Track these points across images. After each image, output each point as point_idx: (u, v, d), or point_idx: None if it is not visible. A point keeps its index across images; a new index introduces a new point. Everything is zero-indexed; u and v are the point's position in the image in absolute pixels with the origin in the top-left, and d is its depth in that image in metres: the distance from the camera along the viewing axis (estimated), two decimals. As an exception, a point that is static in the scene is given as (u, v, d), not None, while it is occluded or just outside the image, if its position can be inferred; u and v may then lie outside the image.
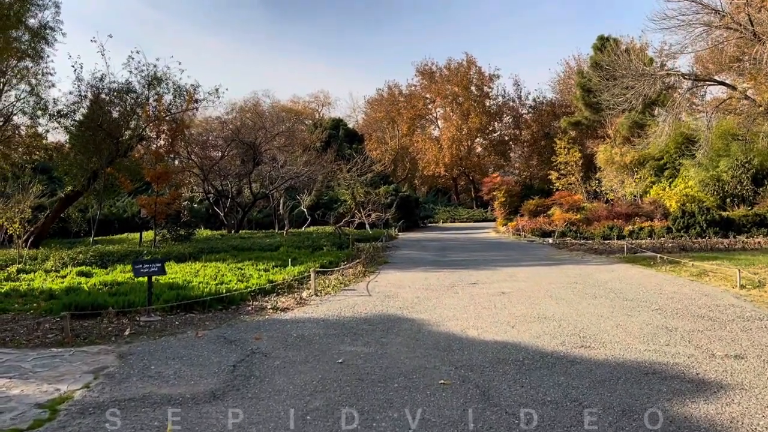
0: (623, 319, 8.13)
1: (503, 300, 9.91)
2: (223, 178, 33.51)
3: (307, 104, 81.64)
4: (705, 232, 23.71)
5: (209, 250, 18.21)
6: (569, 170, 47.65)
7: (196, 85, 22.99)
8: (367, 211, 33.53)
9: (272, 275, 12.57)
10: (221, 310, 9.50)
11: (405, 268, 15.34)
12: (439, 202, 65.06)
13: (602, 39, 50.39)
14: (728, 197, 32.42)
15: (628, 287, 10.71)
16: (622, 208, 33.15)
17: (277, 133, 32.99)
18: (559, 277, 12.34)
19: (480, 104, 68.34)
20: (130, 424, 4.73)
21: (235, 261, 15.44)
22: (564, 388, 5.39)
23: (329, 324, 8.36)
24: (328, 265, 15.01)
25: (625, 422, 4.54)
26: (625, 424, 4.51)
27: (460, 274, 13.52)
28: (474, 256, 18.53)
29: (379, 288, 11.69)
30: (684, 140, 37.86)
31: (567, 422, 4.56)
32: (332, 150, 40.47)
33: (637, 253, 16.29)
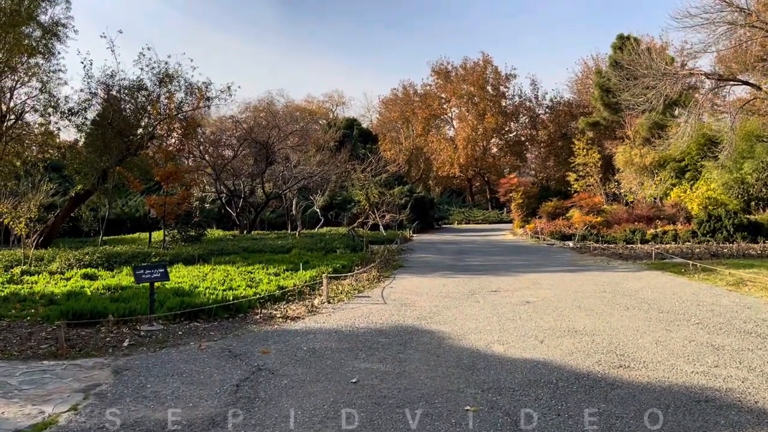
0: (662, 334, 7.45)
1: (528, 310, 9.26)
2: (236, 177, 33.11)
3: (321, 104, 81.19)
4: (732, 237, 22.82)
5: (219, 251, 17.72)
6: (588, 171, 46.71)
7: (208, 83, 22.58)
8: (381, 212, 32.95)
9: (283, 280, 12.02)
10: (228, 319, 8.94)
11: (421, 272, 14.72)
12: (453, 203, 64.32)
13: (622, 38, 49.40)
14: (753, 200, 31.48)
15: (662, 297, 10.00)
16: (643, 210, 32.27)
17: (290, 132, 32.54)
18: (586, 285, 11.65)
19: (496, 104, 67.47)
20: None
21: (245, 264, 14.91)
22: (606, 417, 4.75)
23: (342, 336, 7.77)
24: (341, 269, 14.44)
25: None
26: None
27: (480, 280, 12.88)
28: (493, 260, 17.85)
29: (394, 295, 11.08)
30: (706, 141, 36.92)
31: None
32: (346, 150, 39.93)
33: (666, 259, 15.53)
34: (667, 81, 33.69)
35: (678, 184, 38.92)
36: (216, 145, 33.29)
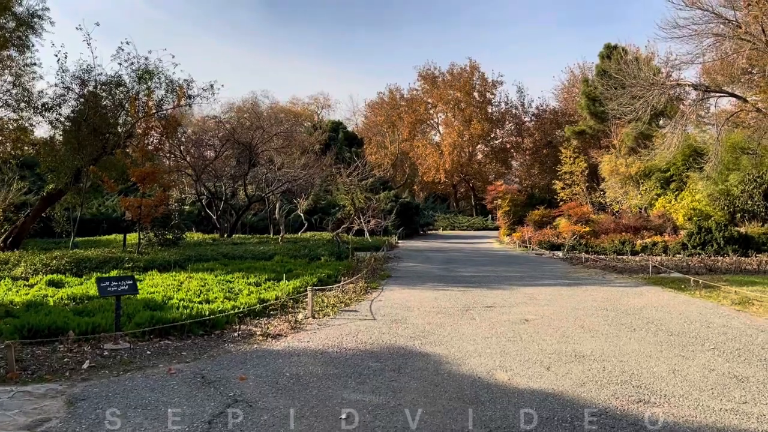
0: (677, 361, 6.84)
1: (528, 330, 8.62)
2: (217, 179, 32.18)
3: (306, 106, 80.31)
4: (723, 250, 22.48)
5: (197, 257, 16.88)
6: (574, 180, 46.48)
7: (190, 81, 21.71)
8: (367, 218, 32.24)
9: (264, 291, 11.24)
10: (203, 336, 8.17)
11: (410, 284, 14.03)
12: (438, 209, 63.80)
13: (609, 47, 49.33)
14: (738, 212, 31.33)
15: (668, 317, 9.42)
16: (630, 221, 31.96)
17: (274, 133, 31.68)
18: (585, 301, 11.05)
19: (482, 111, 67.21)
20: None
21: (224, 272, 14.11)
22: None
23: (329, 359, 7.04)
24: (327, 279, 13.71)
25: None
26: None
27: (473, 293, 12.22)
28: (483, 271, 17.22)
29: (384, 309, 10.38)
30: (691, 152, 36.83)
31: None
32: (331, 153, 39.20)
33: (662, 273, 15.02)
34: (655, 91, 33.53)
35: (663, 194, 38.81)
36: (197, 146, 32.35)
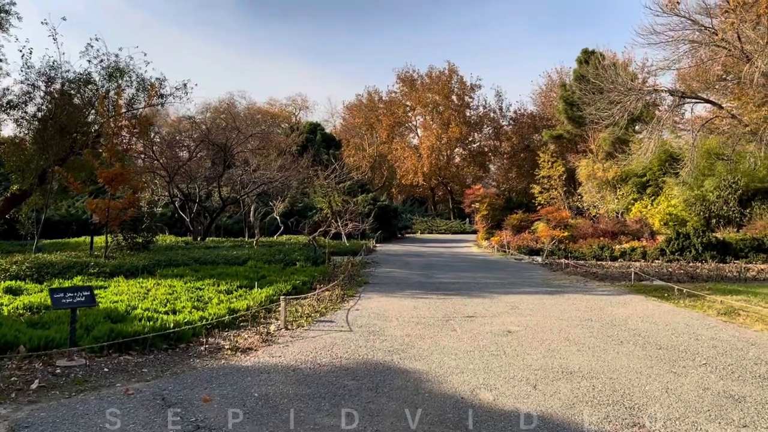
0: (670, 379, 6.50)
1: (512, 343, 8.24)
2: (191, 180, 31.41)
3: (284, 107, 79.64)
4: (701, 256, 22.45)
5: (167, 262, 16.23)
6: (552, 184, 46.55)
7: (163, 79, 21.02)
8: (344, 221, 31.72)
9: (235, 300, 10.71)
10: (166, 351, 7.62)
11: (388, 291, 13.59)
12: (416, 212, 63.53)
13: (587, 52, 49.63)
14: (714, 218, 31.55)
15: (655, 329, 9.12)
16: (608, 225, 31.99)
17: (251, 134, 31.05)
18: (569, 311, 10.72)
19: (460, 114, 67.19)
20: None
21: (194, 278, 13.52)
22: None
23: (302, 377, 6.56)
24: (301, 287, 13.20)
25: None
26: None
27: (453, 302, 11.83)
28: (463, 277, 16.85)
29: (361, 320, 9.92)
30: (667, 158, 37.08)
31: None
32: (309, 155, 38.63)
33: (644, 281, 14.79)
34: (632, 96, 33.66)
35: (639, 199, 39.03)
36: (171, 146, 31.58)
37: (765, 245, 22.88)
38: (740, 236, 23.88)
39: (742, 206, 31.39)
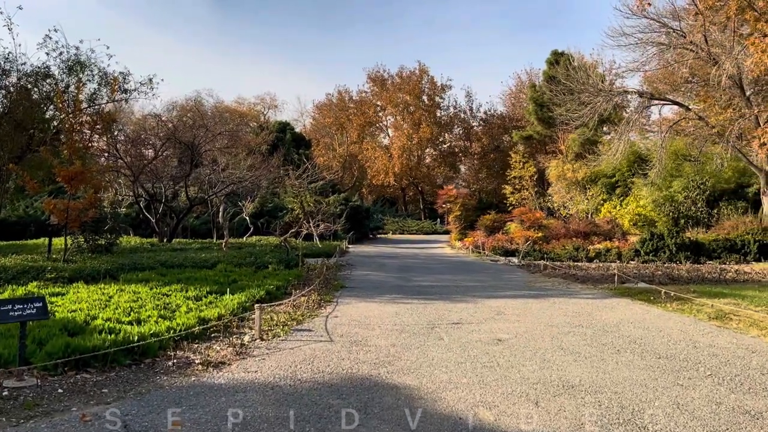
0: (678, 393, 6.08)
1: (504, 352, 7.75)
2: (157, 180, 30.30)
3: (252, 106, 78.39)
4: (675, 256, 22.46)
5: (131, 266, 15.37)
6: (523, 185, 46.59)
7: (126, 74, 20.10)
8: (316, 222, 31.01)
9: (205, 307, 10.00)
10: (130, 367, 6.91)
11: (367, 295, 13.01)
12: (387, 212, 63.06)
13: (556, 54, 49.89)
14: (682, 218, 31.84)
15: (649, 335, 8.74)
16: (580, 226, 32.00)
17: (219, 132, 30.10)
18: (557, 316, 10.30)
19: (431, 114, 67.00)
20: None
21: (161, 283, 12.73)
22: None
23: (282, 396, 5.95)
24: (275, 292, 12.54)
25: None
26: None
27: (436, 307, 11.31)
28: (442, 280, 16.37)
29: (341, 328, 9.33)
30: (636, 159, 37.39)
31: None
32: (279, 154, 37.84)
33: (626, 283, 14.51)
34: (603, 97, 33.81)
35: (609, 199, 39.27)
36: (136, 144, 30.44)
37: (737, 246, 23.02)
38: (713, 237, 23.98)
39: (710, 207, 31.74)
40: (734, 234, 24.29)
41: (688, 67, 31.95)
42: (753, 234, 23.07)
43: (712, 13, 29.96)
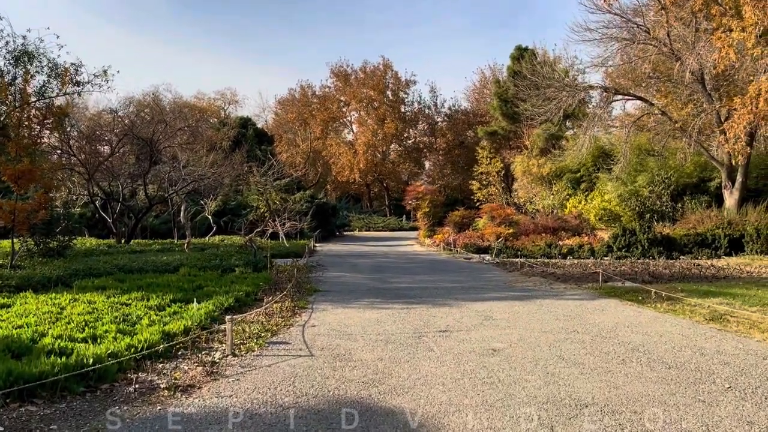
0: (702, 410, 5.53)
1: (502, 365, 7.12)
2: (114, 178, 28.85)
3: (212, 101, 76.38)
4: (648, 252, 22.34)
5: (86, 271, 14.27)
6: (490, 180, 46.41)
7: (78, 65, 18.81)
8: (282, 220, 30.06)
9: (169, 319, 9.09)
10: (84, 395, 6.01)
11: (344, 300, 12.24)
12: (352, 209, 62.26)
13: (520, 49, 49.83)
14: (647, 213, 32.02)
15: (650, 341, 8.24)
16: (548, 222, 31.84)
17: (178, 128, 28.82)
18: (548, 321, 9.74)
19: (396, 110, 66.34)
20: None
21: (119, 291, 11.73)
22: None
23: (263, 427, 5.17)
24: (245, 298, 11.67)
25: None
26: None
27: (419, 312, 10.64)
28: (419, 281, 15.71)
29: (321, 339, 8.56)
30: (600, 154, 37.58)
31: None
32: (242, 151, 36.67)
33: (609, 282, 14.11)
34: (568, 93, 33.78)
35: (574, 194, 39.38)
36: (91, 141, 28.93)
37: (708, 240, 23.06)
38: (683, 232, 23.99)
39: (674, 201, 32.02)
40: (704, 228, 24.34)
41: (651, 62, 32.14)
42: (723, 228, 23.12)
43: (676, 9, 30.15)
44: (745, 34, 22.46)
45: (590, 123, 34.30)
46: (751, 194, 28.53)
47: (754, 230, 22.19)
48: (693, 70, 27.69)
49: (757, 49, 22.29)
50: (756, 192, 29.10)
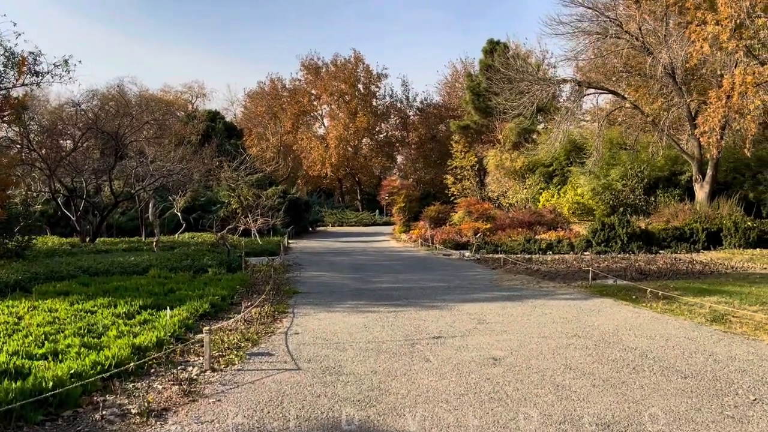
0: (734, 429, 5.07)
1: (507, 377, 6.58)
2: (77, 173, 27.56)
3: (179, 94, 74.60)
4: (628, 246, 22.18)
5: (48, 275, 13.33)
6: (465, 174, 46.13)
7: (37, 54, 17.72)
8: (255, 216, 29.17)
9: (139, 329, 8.32)
10: (43, 425, 5.27)
11: (326, 303, 11.58)
12: (324, 204, 61.41)
13: (492, 42, 49.55)
14: (621, 206, 32.11)
15: (656, 346, 7.80)
16: (524, 216, 31.63)
17: (145, 122, 27.66)
18: (545, 324, 9.25)
19: (367, 103, 65.60)
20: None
21: (83, 296, 10.87)
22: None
23: (253, 462, 4.54)
24: (221, 303, 10.92)
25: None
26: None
27: (408, 316, 10.05)
28: (402, 280, 15.11)
29: (306, 349, 7.91)
30: (573, 148, 37.61)
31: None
32: (211, 145, 35.53)
33: (598, 279, 13.73)
34: (542, 86, 33.65)
35: (546, 188, 39.37)
36: (52, 135, 27.58)
37: (686, 234, 23.01)
38: (662, 226, 23.91)
39: (646, 194, 32.15)
40: (681, 222, 24.35)
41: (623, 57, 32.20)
42: (701, 222, 23.09)
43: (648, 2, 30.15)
44: (720, 27, 22.47)
45: (563, 117, 34.23)
46: (720, 187, 28.87)
47: (732, 224, 22.19)
48: (665, 64, 27.72)
49: (731, 43, 22.32)
50: (725, 185, 29.43)
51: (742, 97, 22.90)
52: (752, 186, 29.20)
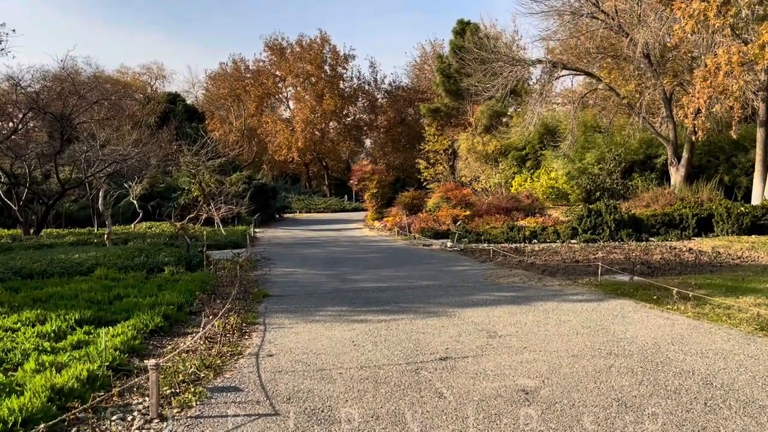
0: None
1: (550, 422, 5.01)
2: (18, 159, 25.06)
3: (137, 76, 71.31)
4: (616, 234, 21.05)
5: (-31, 279, 11.31)
6: (438, 159, 44.75)
7: (-38, 22, 15.37)
8: (218, 204, 27.17)
9: (67, 359, 6.47)
10: None
11: (303, 310, 9.87)
12: (291, 190, 59.34)
13: (462, 23, 48.08)
14: (597, 190, 31.29)
15: (716, 368, 6.34)
16: (501, 202, 30.48)
17: (95, 101, 25.29)
18: (567, 336, 7.75)
19: (334, 85, 63.48)
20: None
21: (7, 307, 8.94)
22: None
23: None
24: (176, 314, 9.10)
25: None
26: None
27: (402, 327, 8.44)
28: (386, 278, 13.46)
29: (283, 380, 6.23)
30: (546, 131, 36.68)
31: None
32: (170, 128, 33.23)
33: (605, 274, 12.32)
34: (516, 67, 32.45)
35: (519, 172, 38.44)
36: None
37: (675, 221, 21.97)
38: (650, 212, 22.87)
39: (623, 178, 31.43)
40: (664, 207, 23.49)
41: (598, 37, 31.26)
42: (691, 208, 22.11)
43: (629, -20, 29.07)
44: (706, 3, 21.58)
45: (537, 99, 33.12)
46: (695, 170, 28.48)
47: (725, 210, 21.23)
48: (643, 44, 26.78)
49: (718, 20, 21.45)
50: (700, 168, 29.07)
51: (727, 76, 22.05)
52: (727, 169, 28.78)
